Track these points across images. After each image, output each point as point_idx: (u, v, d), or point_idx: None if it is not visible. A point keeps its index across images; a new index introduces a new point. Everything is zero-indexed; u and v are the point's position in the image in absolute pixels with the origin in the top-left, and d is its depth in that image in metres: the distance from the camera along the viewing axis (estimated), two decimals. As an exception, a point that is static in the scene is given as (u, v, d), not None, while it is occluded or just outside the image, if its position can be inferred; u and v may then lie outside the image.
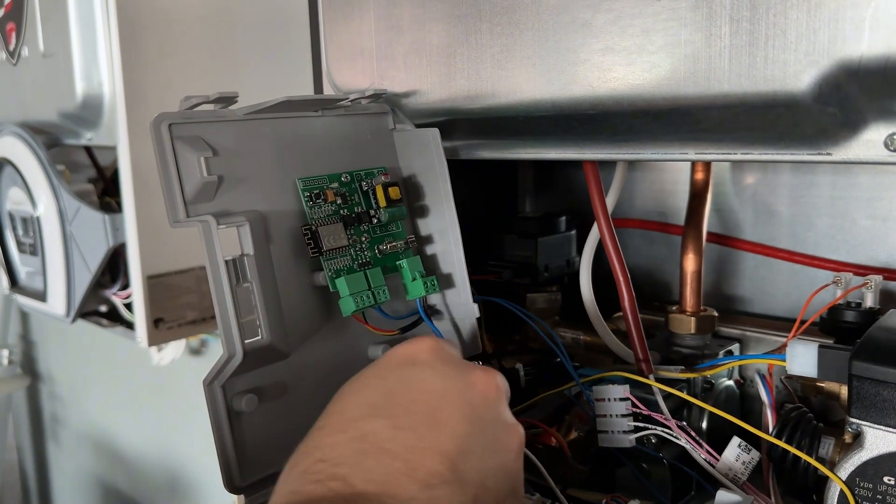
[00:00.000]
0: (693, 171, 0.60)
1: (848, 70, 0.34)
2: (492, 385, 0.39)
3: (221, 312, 0.40)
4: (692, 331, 0.58)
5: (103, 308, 1.01)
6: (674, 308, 0.60)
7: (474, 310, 0.51)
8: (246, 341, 0.40)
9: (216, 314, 0.40)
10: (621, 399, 0.48)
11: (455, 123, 0.50)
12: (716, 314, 0.59)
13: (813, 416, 0.47)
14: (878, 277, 0.52)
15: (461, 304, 0.51)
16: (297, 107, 0.46)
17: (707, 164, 0.60)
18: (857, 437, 0.41)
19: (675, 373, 0.53)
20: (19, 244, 1.03)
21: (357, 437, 0.34)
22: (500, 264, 0.67)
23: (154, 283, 0.90)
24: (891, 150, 0.36)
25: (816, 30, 0.34)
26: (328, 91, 0.55)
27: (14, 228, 1.03)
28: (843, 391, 0.46)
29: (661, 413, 0.49)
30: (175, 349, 1.12)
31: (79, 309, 0.94)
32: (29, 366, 1.80)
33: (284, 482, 0.34)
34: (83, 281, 0.92)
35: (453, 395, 0.37)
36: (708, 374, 0.54)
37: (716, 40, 0.37)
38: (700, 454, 0.46)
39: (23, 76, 0.94)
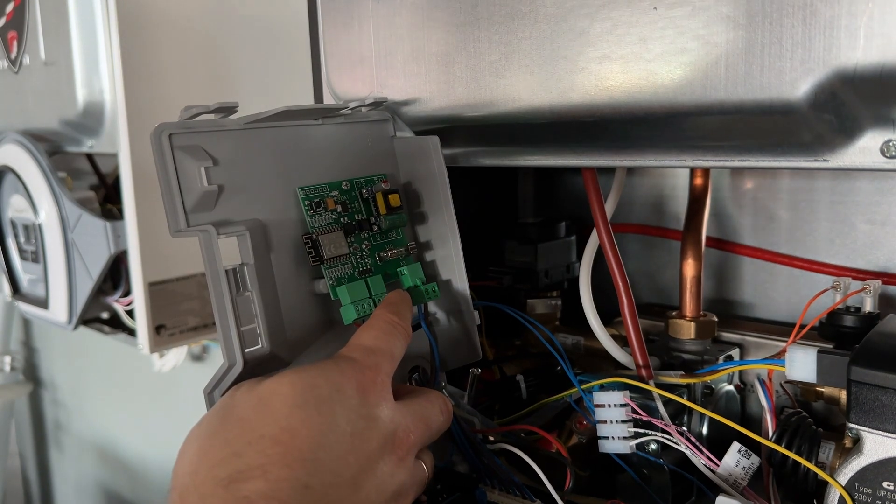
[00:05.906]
0: (692, 176, 0.60)
1: (843, 78, 0.34)
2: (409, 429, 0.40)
3: (221, 322, 0.40)
4: (692, 336, 0.58)
5: (105, 315, 1.01)
6: (673, 313, 0.60)
7: (474, 317, 0.51)
8: (246, 350, 0.40)
9: (216, 323, 0.40)
10: (621, 405, 0.48)
11: (455, 131, 0.51)
12: (715, 319, 0.59)
13: (813, 421, 0.47)
14: (877, 282, 0.52)
15: (461, 310, 0.51)
16: (297, 116, 0.46)
17: (706, 170, 0.60)
18: (857, 442, 0.41)
19: (675, 378, 0.53)
20: (21, 251, 1.03)
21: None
22: (500, 270, 0.67)
23: (155, 289, 0.90)
24: (887, 157, 0.36)
25: (812, 38, 0.34)
26: (328, 99, 0.55)
27: (16, 236, 1.03)
28: (843, 396, 0.46)
29: (661, 419, 0.49)
30: (177, 355, 1.12)
31: (80, 316, 0.94)
32: (31, 372, 1.80)
33: None
34: (85, 288, 0.92)
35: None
36: (708, 379, 0.54)
37: (712, 48, 0.37)
38: (700, 460, 0.46)
39: (24, 84, 0.94)
